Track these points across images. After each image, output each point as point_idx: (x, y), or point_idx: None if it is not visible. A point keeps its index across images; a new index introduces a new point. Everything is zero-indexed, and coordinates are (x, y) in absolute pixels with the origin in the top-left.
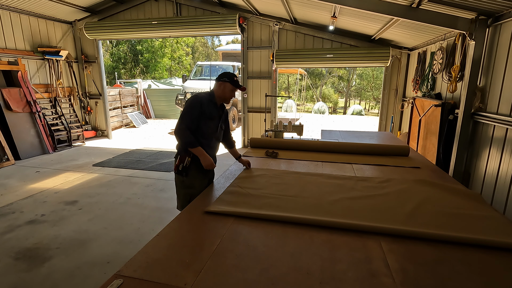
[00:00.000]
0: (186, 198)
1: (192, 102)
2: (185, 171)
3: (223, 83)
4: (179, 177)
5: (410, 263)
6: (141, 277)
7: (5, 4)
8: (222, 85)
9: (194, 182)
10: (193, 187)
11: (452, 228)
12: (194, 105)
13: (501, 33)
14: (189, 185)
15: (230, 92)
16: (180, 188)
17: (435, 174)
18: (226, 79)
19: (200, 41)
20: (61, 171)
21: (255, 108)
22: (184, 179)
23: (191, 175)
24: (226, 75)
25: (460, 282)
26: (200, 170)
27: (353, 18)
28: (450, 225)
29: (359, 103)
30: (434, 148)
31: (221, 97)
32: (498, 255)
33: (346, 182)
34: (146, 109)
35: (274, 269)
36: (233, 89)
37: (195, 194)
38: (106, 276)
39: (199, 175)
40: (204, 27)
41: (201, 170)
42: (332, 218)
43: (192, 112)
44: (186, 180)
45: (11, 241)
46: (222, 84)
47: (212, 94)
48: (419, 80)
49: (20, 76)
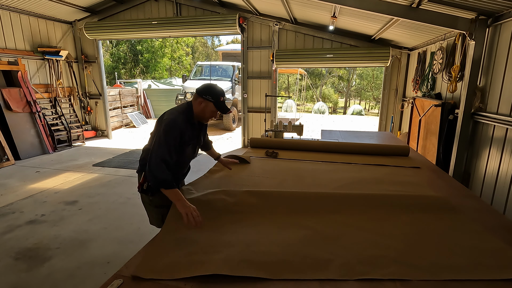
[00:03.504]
0: (158, 216)
1: (171, 131)
2: (151, 190)
3: (204, 101)
4: (144, 196)
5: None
6: (141, 277)
7: (5, 4)
8: (204, 103)
9: (164, 202)
10: (163, 207)
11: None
12: (172, 135)
13: (501, 33)
14: (158, 204)
15: (210, 113)
16: (148, 207)
17: (435, 174)
18: (209, 98)
19: (200, 41)
20: (61, 171)
21: (255, 108)
22: (152, 198)
23: (158, 194)
24: (212, 92)
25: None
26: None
27: (353, 18)
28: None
29: (359, 103)
30: (434, 148)
31: (200, 116)
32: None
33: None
34: (146, 109)
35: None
36: (215, 111)
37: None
38: (106, 276)
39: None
40: (204, 27)
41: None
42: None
43: (169, 142)
44: (155, 199)
45: (11, 241)
46: (204, 102)
47: (190, 112)
48: (419, 80)
49: (20, 76)
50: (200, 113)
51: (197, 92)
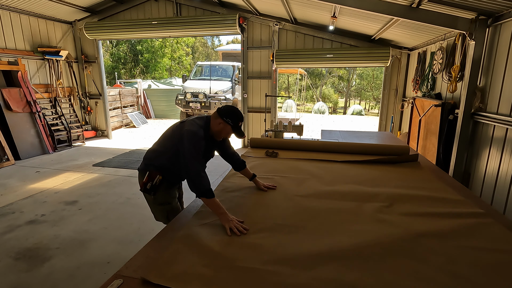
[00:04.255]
0: (163, 214)
1: (197, 144)
2: (153, 190)
3: (224, 123)
4: (147, 195)
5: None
6: (141, 277)
7: (5, 4)
8: (222, 124)
9: (166, 199)
10: (166, 203)
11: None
12: (198, 147)
13: (501, 33)
14: (162, 202)
15: (226, 134)
16: (153, 205)
17: (435, 174)
18: (229, 122)
19: (200, 41)
20: (61, 171)
21: (255, 108)
22: (154, 197)
23: (160, 193)
24: (233, 116)
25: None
26: (170, 187)
27: (353, 18)
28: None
29: (359, 103)
30: (434, 148)
31: (216, 135)
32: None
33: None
34: (146, 109)
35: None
36: (230, 133)
37: (173, 208)
38: (106, 276)
39: (171, 191)
40: (204, 27)
41: (171, 187)
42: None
43: (198, 154)
44: (157, 198)
45: (11, 241)
46: (223, 124)
47: (207, 127)
48: (419, 80)
49: (20, 76)
50: (217, 132)
51: (219, 112)
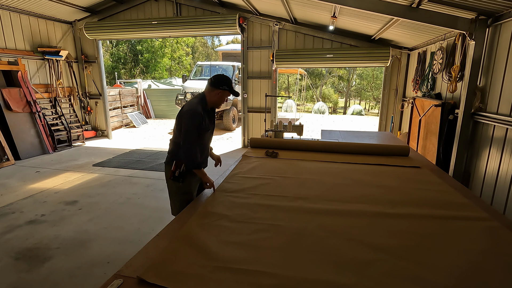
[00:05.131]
0: (182, 204)
1: (194, 119)
2: (182, 177)
3: (221, 92)
4: (175, 183)
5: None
6: (138, 277)
7: (5, 4)
8: (221, 93)
9: (190, 188)
10: (188, 193)
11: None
12: (197, 122)
13: (501, 33)
14: (185, 191)
15: (225, 99)
16: (175, 195)
17: (435, 174)
18: (225, 88)
19: (200, 41)
20: (61, 171)
21: (255, 108)
22: (180, 185)
23: (187, 180)
24: (225, 81)
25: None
26: (194, 175)
27: (353, 18)
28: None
29: (359, 103)
30: (434, 148)
31: (215, 103)
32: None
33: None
34: (146, 109)
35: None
36: (227, 96)
37: (191, 199)
38: (106, 276)
39: (194, 178)
40: (204, 27)
41: (195, 175)
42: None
43: (195, 129)
44: (183, 186)
45: (11, 241)
46: (221, 92)
47: (204, 101)
48: (419, 80)
49: (20, 76)
50: (217, 101)
51: (212, 85)
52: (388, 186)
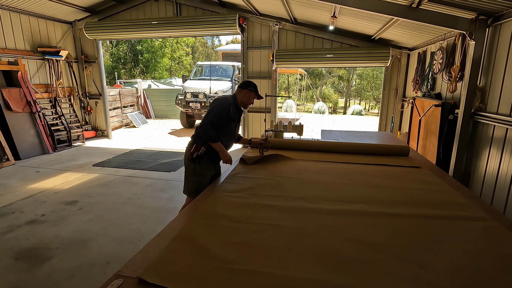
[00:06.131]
0: (195, 185)
1: (222, 104)
2: (198, 159)
3: (249, 92)
4: (191, 164)
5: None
6: (137, 276)
7: (5, 4)
8: (248, 93)
9: (204, 172)
10: (202, 176)
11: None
12: (224, 107)
13: (501, 33)
14: (199, 173)
15: (252, 100)
16: (190, 175)
17: (435, 174)
18: (252, 89)
19: (200, 41)
20: (61, 171)
21: (255, 108)
22: (195, 167)
23: (202, 164)
24: (251, 84)
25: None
26: (211, 162)
27: (353, 18)
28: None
29: (359, 103)
30: (434, 148)
31: (244, 103)
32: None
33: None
34: (146, 109)
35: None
36: (254, 97)
37: (203, 182)
38: (106, 276)
39: (209, 166)
40: (204, 27)
41: (212, 162)
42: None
43: (221, 112)
44: (197, 168)
45: (11, 241)
46: (248, 93)
47: (235, 99)
48: (419, 80)
49: (20, 76)
50: (246, 101)
51: (241, 86)
52: (388, 186)
